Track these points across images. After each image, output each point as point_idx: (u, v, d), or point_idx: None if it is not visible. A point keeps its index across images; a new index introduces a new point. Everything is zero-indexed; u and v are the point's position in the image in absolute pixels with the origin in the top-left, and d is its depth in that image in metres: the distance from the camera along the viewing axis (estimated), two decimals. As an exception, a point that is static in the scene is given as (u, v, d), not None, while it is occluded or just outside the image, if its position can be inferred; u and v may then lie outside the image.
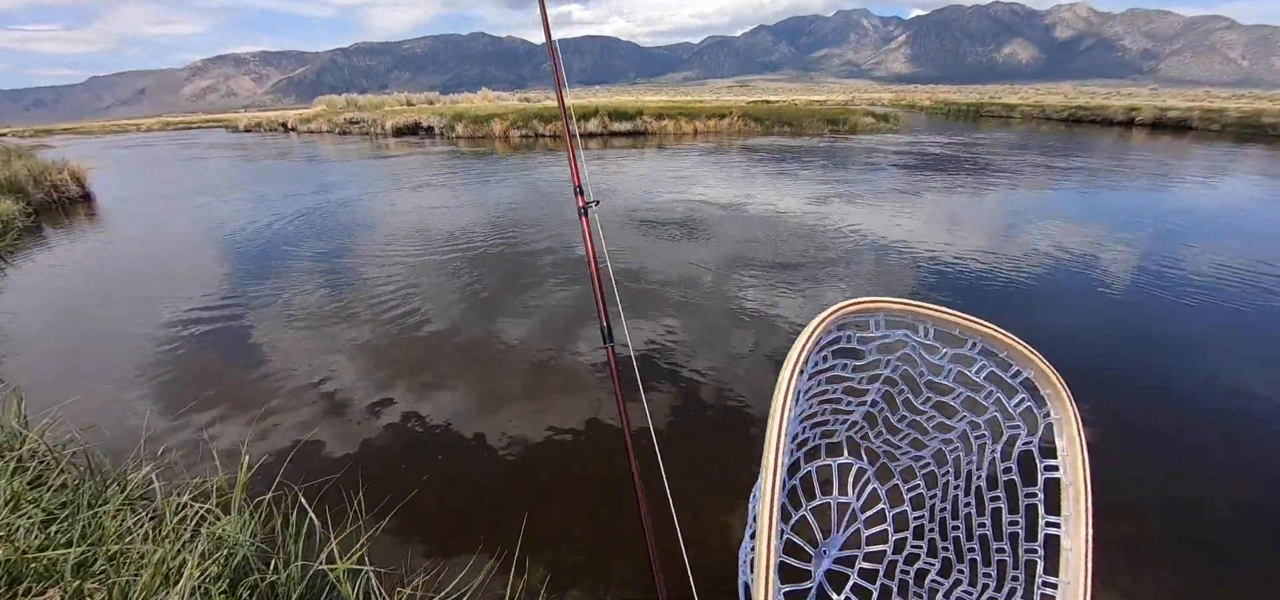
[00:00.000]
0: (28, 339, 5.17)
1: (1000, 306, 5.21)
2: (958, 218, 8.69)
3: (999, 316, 4.64)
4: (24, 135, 33.91)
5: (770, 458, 0.92)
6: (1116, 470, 3.10)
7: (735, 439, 3.45)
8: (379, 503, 2.89)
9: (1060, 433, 1.08)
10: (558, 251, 7.31)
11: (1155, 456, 3.22)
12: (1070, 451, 1.06)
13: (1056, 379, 1.10)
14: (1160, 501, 2.89)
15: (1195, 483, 3.01)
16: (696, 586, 1.57)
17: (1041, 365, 1.11)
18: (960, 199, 10.19)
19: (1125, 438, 3.38)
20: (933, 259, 6.53)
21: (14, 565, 2.04)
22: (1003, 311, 5.07)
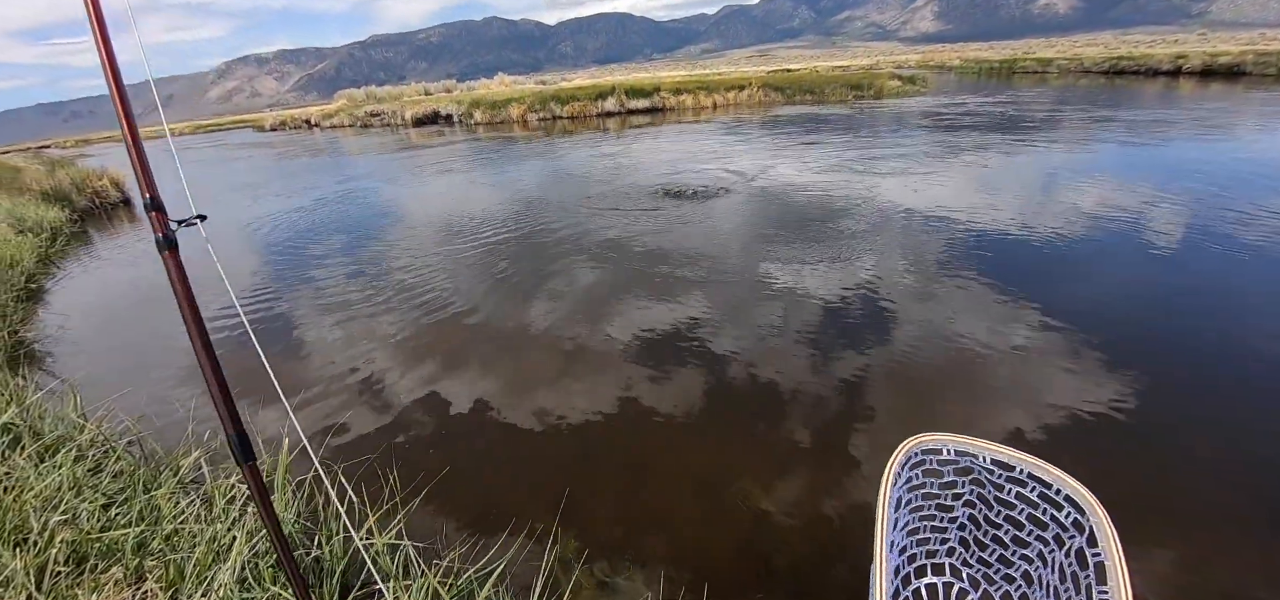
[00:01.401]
0: (81, 338, 5.43)
1: (1039, 274, 5.01)
2: (991, 182, 8.36)
3: (1039, 285, 4.42)
4: (65, 146, 35.35)
5: (878, 551, 1.32)
6: (1166, 443, 2.99)
7: (768, 415, 3.43)
8: (414, 480, 2.97)
9: (1100, 532, 1.33)
10: (581, 235, 7.32)
11: (1207, 427, 3.09)
12: (1107, 546, 1.30)
13: (1089, 494, 1.39)
14: (1214, 476, 2.78)
15: (1252, 454, 2.88)
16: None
17: (1075, 484, 1.41)
18: (993, 162, 9.80)
19: (1175, 408, 3.24)
20: (965, 228, 6.30)
21: (80, 546, 2.18)
22: (1042, 279, 4.88)
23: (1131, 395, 3.28)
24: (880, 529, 1.39)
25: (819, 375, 3.73)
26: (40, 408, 3.18)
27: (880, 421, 3.25)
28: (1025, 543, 1.60)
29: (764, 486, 2.82)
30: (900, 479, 1.55)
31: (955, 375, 3.62)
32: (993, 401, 3.34)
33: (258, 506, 1.22)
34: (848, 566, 2.37)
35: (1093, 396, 3.30)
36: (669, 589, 2.31)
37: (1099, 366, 3.57)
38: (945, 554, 1.75)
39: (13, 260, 6.77)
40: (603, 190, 9.91)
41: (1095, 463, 2.85)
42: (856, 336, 4.17)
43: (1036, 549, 1.57)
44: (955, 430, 3.14)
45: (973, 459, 1.55)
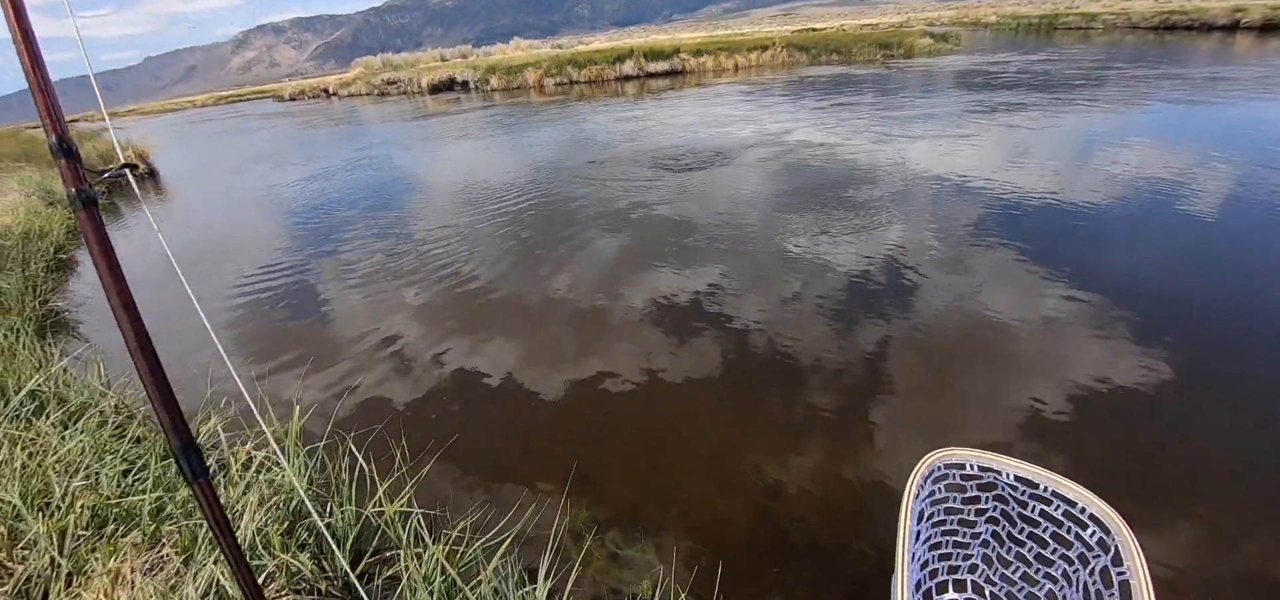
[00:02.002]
0: (107, 308, 5.54)
1: (1072, 243, 4.74)
2: (1025, 147, 7.91)
3: (1071, 254, 4.15)
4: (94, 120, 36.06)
5: (899, 563, 1.32)
6: (1198, 422, 2.82)
7: (785, 387, 3.34)
8: (426, 448, 2.97)
9: (1125, 552, 1.31)
10: (597, 203, 7.20)
11: (1242, 403, 2.90)
12: (1132, 566, 1.28)
13: (1113, 513, 1.37)
14: (1248, 454, 2.61)
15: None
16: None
17: (1101, 503, 1.39)
18: (1028, 125, 9.29)
19: (1211, 382, 3.06)
20: (996, 195, 5.99)
21: (100, 510, 2.21)
22: (1075, 248, 4.62)
23: (1163, 370, 3.10)
24: (902, 542, 1.38)
25: (839, 347, 3.61)
26: (65, 375, 3.24)
27: (901, 396, 3.13)
28: (1049, 561, 1.58)
29: (780, 460, 2.75)
30: (922, 492, 1.55)
31: (980, 347, 3.47)
32: (1017, 374, 3.20)
33: (210, 526, 1.09)
34: (868, 544, 2.29)
35: (1122, 371, 3.12)
36: (682, 562, 2.27)
37: (1131, 340, 3.38)
38: (967, 570, 1.73)
39: (42, 232, 6.93)
40: (620, 157, 9.72)
41: (1122, 438, 2.71)
42: (878, 307, 4.02)
43: (1061, 568, 1.55)
44: (978, 404, 3.05)
45: (996, 474, 1.54)
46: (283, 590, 1.82)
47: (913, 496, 1.49)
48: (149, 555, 2.01)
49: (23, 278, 5.36)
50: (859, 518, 2.43)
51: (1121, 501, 1.49)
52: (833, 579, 2.17)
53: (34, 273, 5.65)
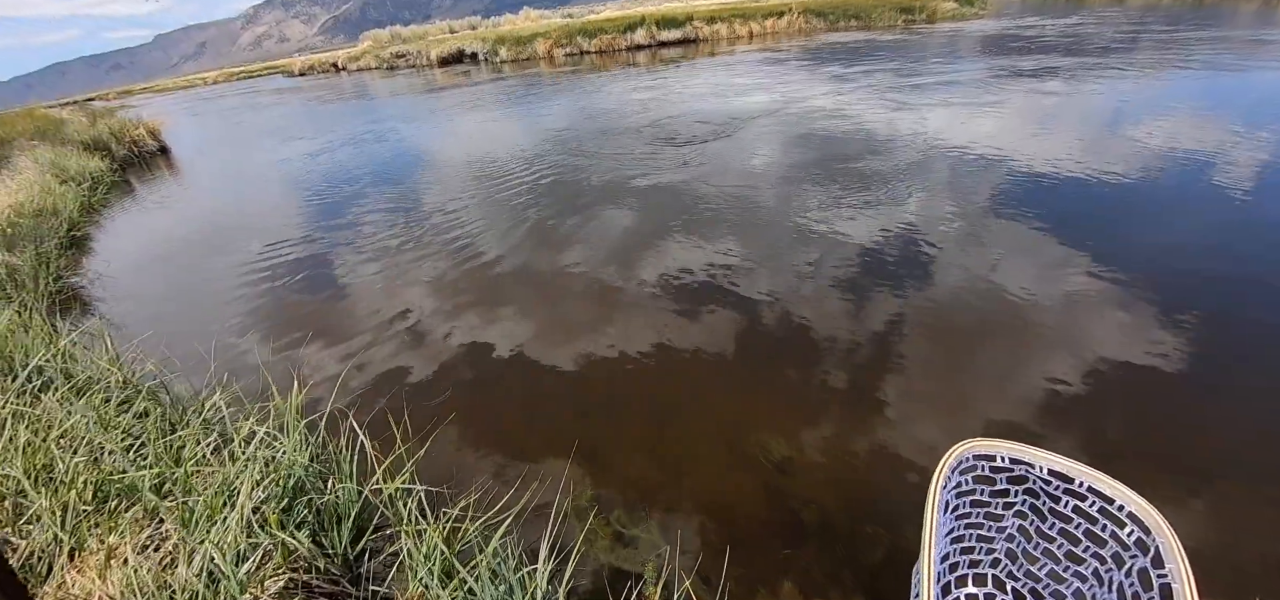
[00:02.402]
0: (120, 283, 5.58)
1: (1096, 218, 4.50)
2: (1053, 116, 7.53)
3: (1094, 230, 3.93)
4: (108, 98, 36.34)
5: (926, 554, 1.27)
6: (1227, 405, 2.68)
7: (798, 363, 3.24)
8: (430, 423, 2.93)
9: (1166, 554, 1.23)
10: (608, 176, 7.06)
11: (1275, 386, 2.74)
12: (1175, 569, 1.20)
13: (1155, 511, 1.29)
14: (1274, 436, 2.47)
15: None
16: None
17: (1140, 500, 1.31)
18: (1055, 94, 8.87)
19: (1241, 365, 2.90)
20: (1018, 167, 5.70)
21: (102, 485, 2.20)
22: (1099, 224, 4.39)
23: (1191, 352, 2.94)
24: (928, 534, 1.32)
25: (854, 323, 3.49)
26: (72, 351, 3.24)
27: (916, 374, 3.02)
28: (1079, 559, 1.51)
29: (791, 438, 2.66)
30: (950, 483, 1.50)
31: (998, 323, 3.33)
32: (1035, 350, 3.06)
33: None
34: (882, 527, 2.21)
35: (1144, 349, 2.97)
36: (689, 542, 2.21)
37: (1154, 319, 3.20)
38: (989, 564, 1.67)
39: (56, 209, 6.97)
40: (631, 129, 9.53)
41: (1141, 416, 2.58)
42: (895, 282, 3.88)
43: (1091, 566, 1.48)
44: (995, 382, 2.92)
45: (1029, 468, 1.47)
46: (280, 569, 1.79)
47: (940, 487, 1.43)
48: (150, 531, 1.99)
49: (36, 255, 5.39)
50: (873, 500, 2.35)
51: (1144, 485, 1.40)
52: (846, 563, 2.10)
53: (47, 250, 5.69)
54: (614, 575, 2.10)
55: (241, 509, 1.82)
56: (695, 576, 2.05)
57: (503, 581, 1.75)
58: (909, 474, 2.43)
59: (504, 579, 1.75)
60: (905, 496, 2.35)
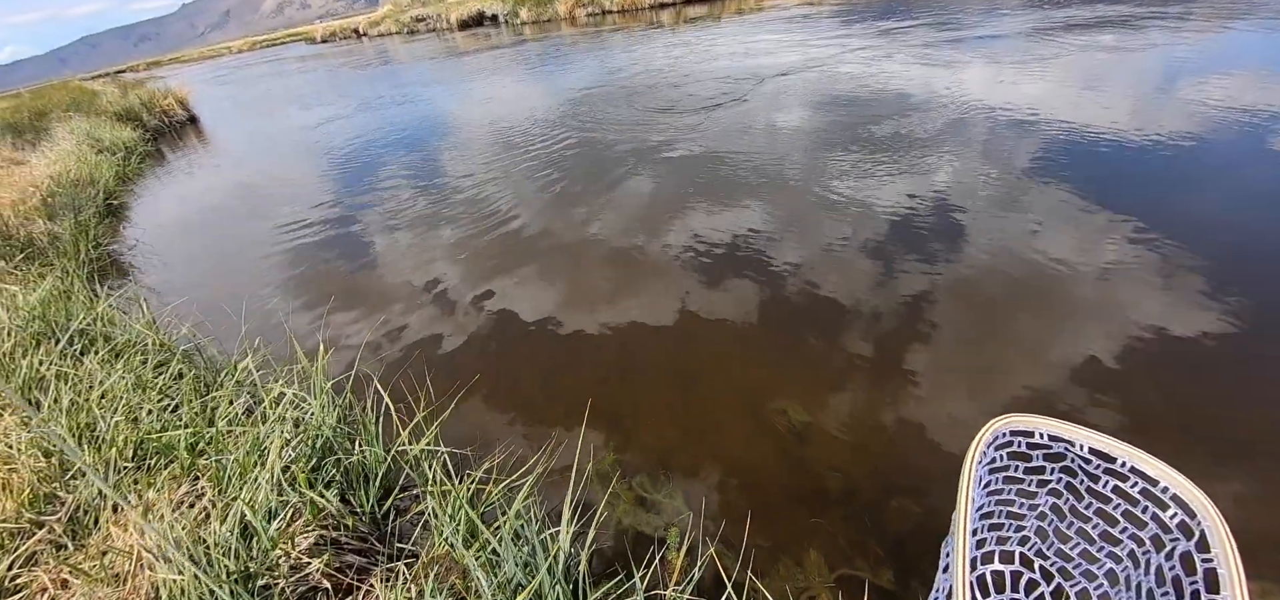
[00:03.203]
0: (155, 249, 5.74)
1: (1141, 185, 4.21)
2: (1098, 75, 7.01)
3: (1139, 198, 3.67)
4: (138, 69, 37.03)
5: (960, 530, 1.23)
6: (1266, 378, 2.51)
7: (823, 330, 3.16)
8: (454, 386, 2.95)
9: (1212, 539, 1.19)
10: (631, 141, 6.92)
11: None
12: (1222, 553, 1.16)
13: (1201, 494, 1.23)
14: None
15: None
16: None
17: (1186, 482, 1.25)
18: (1104, 50, 8.26)
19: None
20: (1060, 130, 5.33)
21: (141, 444, 2.27)
22: (1145, 191, 4.11)
23: (1233, 325, 2.76)
24: (963, 509, 1.28)
25: (882, 291, 3.38)
26: (110, 315, 3.34)
27: (945, 343, 2.92)
28: (1115, 540, 1.45)
29: (815, 406, 2.61)
30: (985, 458, 1.45)
31: (1030, 292, 3.18)
32: (1070, 322, 2.92)
33: None
34: (909, 499, 2.16)
35: (1187, 324, 2.80)
36: (712, 508, 2.19)
37: (1200, 292, 3.00)
38: (1017, 541, 1.63)
39: (92, 178, 7.16)
40: (655, 91, 9.31)
41: (1181, 391, 2.46)
42: (925, 249, 3.73)
43: (1128, 548, 1.42)
44: (1026, 350, 2.81)
45: (1068, 445, 1.42)
46: (309, 526, 1.83)
47: (975, 462, 1.38)
48: (187, 488, 2.06)
49: (75, 223, 5.56)
50: (899, 470, 2.30)
51: (1182, 462, 1.32)
52: (871, 533, 2.06)
53: (86, 218, 5.86)
54: (636, 539, 2.10)
55: (271, 468, 1.86)
56: (718, 542, 2.04)
57: (526, 542, 1.76)
58: (936, 445, 2.37)
59: (527, 540, 1.76)
60: (932, 467, 2.28)
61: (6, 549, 1.92)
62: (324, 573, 1.69)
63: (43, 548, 1.94)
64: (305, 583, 1.66)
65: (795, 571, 1.98)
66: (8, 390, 1.63)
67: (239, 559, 1.56)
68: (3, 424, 2.46)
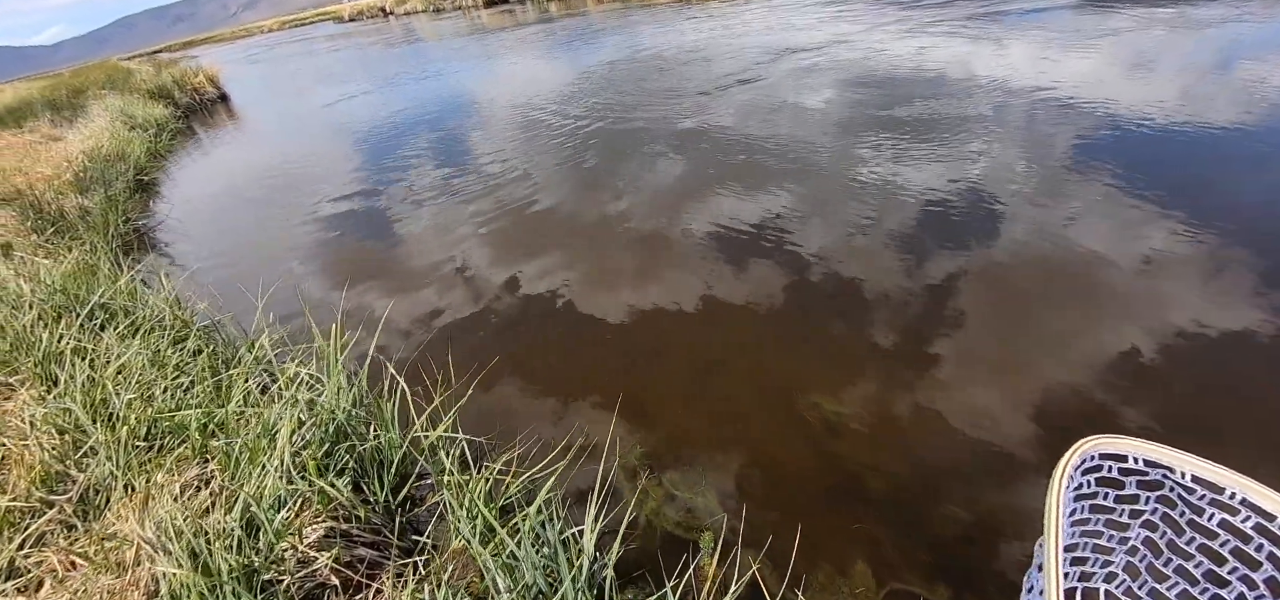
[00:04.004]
0: (182, 225, 5.76)
1: (1189, 173, 3.78)
2: (1149, 55, 6.43)
3: (1187, 187, 3.29)
4: (173, 49, 37.85)
5: (1051, 562, 1.07)
6: None
7: (853, 320, 2.95)
8: (474, 372, 2.83)
9: None
10: (657, 122, 6.69)
11: None
12: None
13: None
14: None
15: None
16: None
17: None
18: (1156, 25, 7.62)
19: None
20: (1105, 113, 4.90)
21: (154, 422, 2.20)
22: (1193, 180, 3.71)
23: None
24: (1053, 543, 1.12)
25: (916, 280, 3.14)
26: (132, 289, 3.30)
27: (987, 336, 2.69)
28: (1223, 581, 1.27)
29: (850, 399, 2.42)
30: (1071, 483, 1.30)
31: (1085, 285, 2.91)
32: (1106, 316, 2.67)
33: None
34: (959, 507, 1.97)
35: (1232, 320, 2.52)
36: (744, 508, 2.03)
37: (1250, 288, 2.70)
38: (1103, 577, 1.45)
39: (124, 154, 7.24)
40: (682, 70, 9.04)
41: (1223, 395, 2.19)
42: (963, 239, 3.47)
43: (1236, 592, 1.24)
44: (1055, 350, 2.55)
45: (1166, 472, 1.25)
46: (319, 516, 1.72)
47: (1062, 488, 1.23)
48: (196, 471, 1.97)
49: (106, 198, 5.60)
50: (943, 472, 2.10)
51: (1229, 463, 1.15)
52: (919, 542, 1.88)
53: (116, 193, 5.91)
54: (665, 540, 1.96)
55: (280, 453, 1.75)
56: (753, 547, 1.88)
57: (546, 543, 1.63)
58: (982, 446, 2.16)
59: (546, 541, 1.62)
60: (978, 470, 2.09)
61: (17, 528, 1.86)
62: (333, 568, 1.58)
63: (53, 527, 1.87)
64: (313, 579, 1.55)
65: (839, 582, 1.81)
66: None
67: (242, 552, 1.45)
68: (20, 398, 2.42)
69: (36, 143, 8.03)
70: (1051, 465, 1.27)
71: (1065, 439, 1.30)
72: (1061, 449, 1.28)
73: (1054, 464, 1.27)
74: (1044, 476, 1.32)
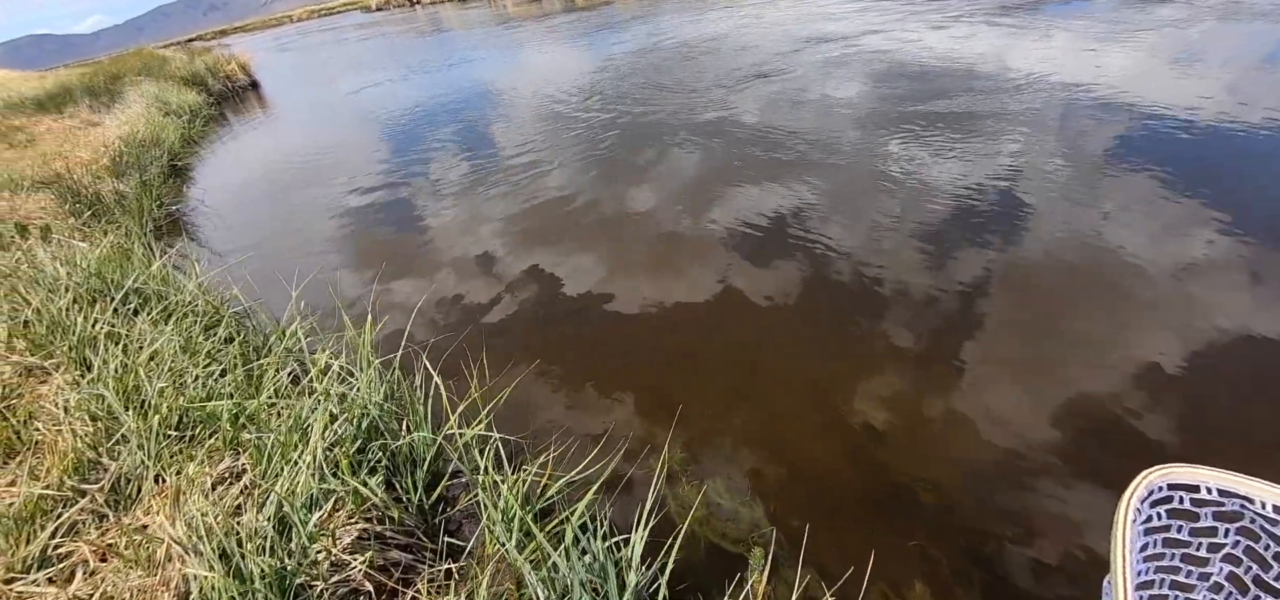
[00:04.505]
0: (213, 210, 5.80)
1: (1236, 176, 3.50)
2: (1198, 50, 5.98)
3: (1233, 190, 3.01)
4: (206, 38, 38.68)
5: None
6: None
7: (904, 321, 2.80)
8: (506, 370, 2.76)
9: None
10: (685, 115, 6.54)
11: None
12: None
13: None
14: None
15: None
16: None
17: None
18: (1207, 20, 7.13)
19: None
20: (1148, 111, 4.60)
21: (186, 411, 2.16)
22: (1240, 183, 3.44)
23: None
24: (1121, 579, 1.03)
25: (960, 282, 2.99)
26: (165, 274, 3.29)
27: (1043, 344, 2.52)
28: None
29: (896, 406, 2.29)
30: (1139, 515, 1.20)
31: (1095, 287, 2.73)
32: (1140, 321, 2.52)
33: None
34: (1014, 524, 1.84)
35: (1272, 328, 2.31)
36: (791, 518, 1.91)
37: None
38: None
39: (159, 140, 7.34)
40: (711, 62, 8.85)
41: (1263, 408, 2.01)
42: (1010, 238, 3.29)
43: None
44: (1086, 355, 2.38)
45: (1245, 503, 1.13)
46: (352, 517, 1.65)
47: (1128, 522, 1.12)
48: (227, 463, 1.92)
49: (140, 183, 5.66)
50: (996, 487, 1.97)
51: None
52: (977, 564, 1.76)
53: (151, 178, 5.97)
54: (709, 552, 1.85)
55: (314, 449, 1.68)
56: (801, 560, 1.76)
57: (588, 553, 1.53)
58: (1043, 463, 2.02)
59: (590, 550, 1.53)
60: (1040, 489, 1.95)
61: (50, 516, 1.83)
62: (366, 573, 1.51)
63: (85, 517, 1.84)
64: (346, 584, 1.48)
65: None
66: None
67: (275, 555, 1.38)
68: (55, 383, 2.40)
69: (76, 127, 8.20)
70: (1123, 486, 1.16)
71: (1139, 458, 1.18)
72: (1135, 469, 1.16)
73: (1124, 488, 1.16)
74: (1114, 499, 1.21)
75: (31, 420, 2.23)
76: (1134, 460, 1.86)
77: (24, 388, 2.49)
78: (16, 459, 2.14)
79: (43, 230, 4.19)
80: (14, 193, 5.08)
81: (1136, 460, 1.77)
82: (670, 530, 1.90)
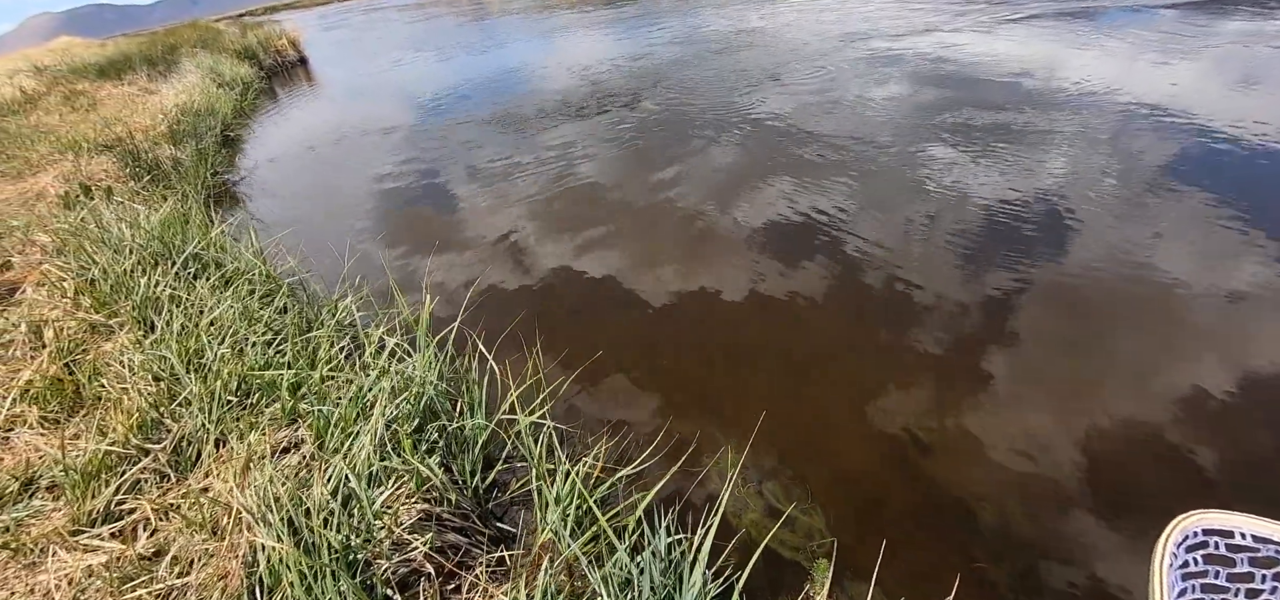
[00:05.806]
0: (265, 182, 5.92)
1: None
2: (1260, 68, 5.58)
3: None
4: (257, 13, 39.72)
5: None
6: None
7: (954, 331, 2.67)
8: (559, 357, 2.73)
9: None
10: (724, 106, 6.42)
11: None
12: None
13: None
14: None
15: None
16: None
17: None
18: (1271, 35, 6.69)
19: None
20: (1205, 129, 4.33)
21: (245, 377, 2.18)
22: None
23: None
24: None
25: (1018, 296, 2.83)
26: (222, 241, 3.35)
27: (1107, 366, 2.36)
28: None
29: (951, 419, 2.19)
30: (1176, 561, 1.19)
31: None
32: (1183, 347, 2.39)
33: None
34: (1077, 548, 1.73)
35: None
36: (846, 528, 1.84)
37: None
38: None
39: (213, 110, 7.52)
40: (756, 57, 8.68)
41: None
42: (1073, 254, 3.11)
43: None
44: (1126, 379, 2.24)
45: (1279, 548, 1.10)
46: (413, 497, 1.63)
47: (1165, 568, 1.11)
48: (287, 433, 1.93)
49: (196, 151, 5.81)
50: (1057, 510, 1.87)
51: None
52: (1038, 592, 1.66)
53: (206, 147, 6.12)
54: (768, 559, 1.78)
55: (375, 425, 1.67)
56: (860, 577, 1.68)
57: (652, 549, 1.48)
58: (1099, 489, 1.91)
59: (654, 547, 1.48)
60: (1092, 513, 1.85)
61: (114, 472, 1.86)
62: (426, 554, 1.49)
63: (147, 475, 1.87)
64: (407, 564, 1.46)
65: (971, 632, 1.60)
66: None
67: (341, 531, 1.37)
68: (119, 341, 2.45)
69: (134, 95, 8.47)
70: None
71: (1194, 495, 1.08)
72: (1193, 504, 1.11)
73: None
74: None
75: (97, 376, 2.28)
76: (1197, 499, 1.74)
77: (89, 344, 2.55)
78: (82, 413, 2.20)
79: (106, 191, 4.32)
80: (77, 154, 5.26)
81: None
82: (726, 532, 1.84)
